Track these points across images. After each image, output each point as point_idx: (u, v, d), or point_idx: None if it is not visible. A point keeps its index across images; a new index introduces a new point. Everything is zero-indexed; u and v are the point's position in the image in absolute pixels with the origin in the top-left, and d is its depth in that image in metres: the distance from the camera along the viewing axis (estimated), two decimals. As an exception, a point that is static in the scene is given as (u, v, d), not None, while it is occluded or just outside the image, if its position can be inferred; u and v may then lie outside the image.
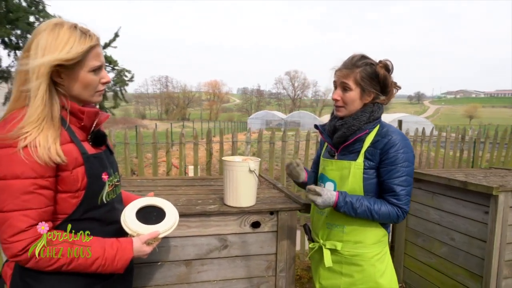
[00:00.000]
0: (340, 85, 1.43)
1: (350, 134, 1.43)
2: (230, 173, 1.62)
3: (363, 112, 1.42)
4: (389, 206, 1.37)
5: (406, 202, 1.37)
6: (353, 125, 1.42)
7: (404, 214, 1.38)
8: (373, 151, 1.40)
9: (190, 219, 1.59)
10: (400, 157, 1.36)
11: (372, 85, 1.41)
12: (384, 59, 1.43)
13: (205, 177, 2.38)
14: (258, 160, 1.67)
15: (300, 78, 79.03)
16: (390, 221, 1.40)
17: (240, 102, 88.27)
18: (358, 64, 1.40)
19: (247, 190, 1.64)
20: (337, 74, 1.44)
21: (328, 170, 1.51)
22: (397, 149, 1.36)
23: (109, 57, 3.68)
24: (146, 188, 2.02)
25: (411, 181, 1.39)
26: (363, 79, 1.39)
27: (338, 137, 1.47)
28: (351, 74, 1.40)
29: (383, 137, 1.39)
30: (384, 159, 1.37)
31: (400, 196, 1.36)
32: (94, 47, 1.01)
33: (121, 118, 48.04)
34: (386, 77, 1.41)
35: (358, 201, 1.37)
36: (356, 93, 1.41)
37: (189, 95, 75.33)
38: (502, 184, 2.21)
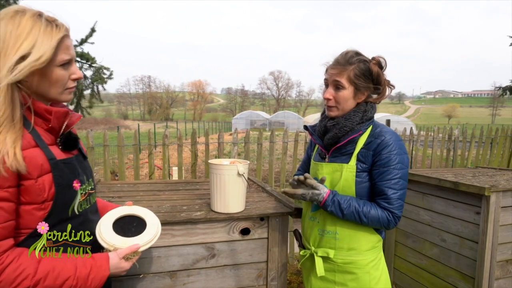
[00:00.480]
0: (332, 83, 1.34)
1: (342, 135, 1.35)
2: (217, 177, 1.51)
3: (355, 112, 1.35)
4: (379, 210, 1.29)
5: (398, 206, 1.29)
6: (345, 125, 1.34)
7: (396, 219, 1.30)
8: (366, 152, 1.32)
9: (174, 227, 1.47)
10: (393, 158, 1.28)
11: (366, 84, 1.33)
12: (377, 56, 1.36)
13: (190, 180, 2.26)
14: (247, 162, 1.57)
15: (284, 78, 79.60)
16: (380, 226, 1.32)
17: (224, 102, 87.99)
18: (352, 61, 1.32)
19: (235, 195, 1.54)
20: (329, 72, 1.35)
21: (319, 173, 1.42)
22: (390, 150, 1.28)
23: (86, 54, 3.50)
24: (126, 193, 1.89)
25: (404, 184, 1.31)
26: (357, 77, 1.31)
27: (329, 139, 1.38)
28: (344, 72, 1.31)
29: (376, 138, 1.31)
30: (377, 160, 1.30)
31: (391, 200, 1.28)
32: (63, 39, 0.88)
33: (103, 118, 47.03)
34: (379, 75, 1.34)
35: (346, 202, 1.29)
36: (349, 92, 1.33)
37: (172, 95, 74.56)
38: (493, 184, 2.18)
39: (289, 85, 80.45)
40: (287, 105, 79.65)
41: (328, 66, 1.38)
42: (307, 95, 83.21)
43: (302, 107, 78.59)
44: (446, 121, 67.10)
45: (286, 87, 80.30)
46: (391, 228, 1.33)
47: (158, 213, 1.51)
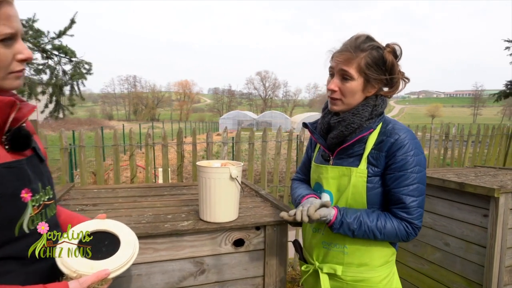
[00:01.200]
0: (338, 72, 1.15)
1: (349, 134, 1.16)
2: (207, 182, 1.32)
3: (364, 106, 1.16)
4: (396, 221, 1.12)
5: (418, 216, 1.12)
6: (353, 122, 1.15)
7: (416, 231, 1.13)
8: (377, 154, 1.13)
9: (157, 240, 1.27)
10: (410, 160, 1.10)
11: (378, 75, 1.14)
12: (392, 43, 1.17)
13: (176, 184, 2.05)
14: (240, 164, 1.39)
15: (271, 78, 79.57)
16: (398, 240, 1.14)
17: (211, 102, 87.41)
18: (364, 47, 1.12)
19: (228, 202, 1.34)
20: (336, 59, 1.15)
21: (323, 178, 1.23)
22: (406, 151, 1.10)
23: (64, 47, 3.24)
24: (103, 200, 1.67)
25: (423, 189, 1.13)
26: (369, 67, 1.12)
27: (334, 138, 1.19)
28: (353, 60, 1.12)
29: (388, 137, 1.12)
30: (391, 163, 1.11)
31: (411, 209, 1.10)
32: (2, 5, 0.68)
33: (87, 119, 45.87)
34: (393, 65, 1.15)
35: (357, 221, 1.10)
36: (358, 83, 1.13)
37: (158, 95, 73.54)
38: (501, 185, 2.05)
39: (276, 85, 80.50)
40: (274, 105, 79.61)
41: (335, 52, 1.18)
42: (294, 95, 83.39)
43: (289, 107, 78.68)
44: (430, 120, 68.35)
45: (273, 87, 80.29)
46: (410, 240, 1.16)
47: (138, 224, 1.31)
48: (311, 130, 1.31)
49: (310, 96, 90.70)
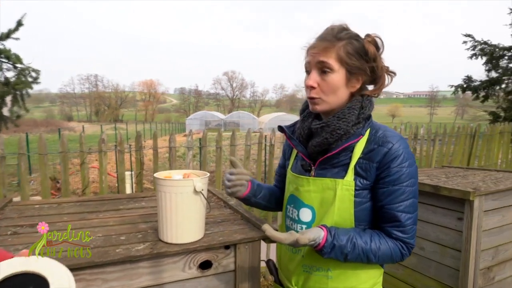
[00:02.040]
0: (316, 66, 0.99)
1: (335, 141, 1.01)
2: (167, 197, 1.12)
3: (350, 109, 1.01)
4: (391, 241, 0.99)
5: (413, 234, 1.00)
6: (338, 128, 1.00)
7: (410, 251, 1.01)
8: (367, 164, 0.99)
9: (107, 269, 1.06)
10: (405, 173, 0.97)
11: (361, 64, 0.99)
12: (372, 34, 1.03)
13: (133, 195, 1.83)
14: (206, 175, 1.20)
15: (238, 78, 79.38)
16: (391, 262, 1.02)
17: (177, 102, 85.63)
18: (341, 36, 0.98)
19: (192, 220, 1.16)
20: (311, 52, 1.00)
21: (303, 191, 1.08)
22: (401, 163, 0.96)
23: (7, 51, 2.85)
24: (45, 218, 1.43)
25: (417, 205, 1.01)
26: (350, 56, 0.97)
27: (317, 146, 1.03)
28: (332, 49, 0.97)
29: (380, 145, 0.98)
30: (384, 176, 0.98)
31: (406, 228, 0.98)
32: None
33: (43, 120, 43.17)
34: (376, 57, 1.01)
35: (350, 243, 0.96)
36: (340, 76, 0.98)
37: (122, 95, 70.89)
38: (474, 187, 2.02)
39: (244, 86, 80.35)
40: (241, 106, 79.44)
41: (310, 45, 1.03)
42: (261, 96, 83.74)
43: (256, 107, 78.85)
44: (391, 120, 71.32)
45: (241, 88, 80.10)
46: (403, 260, 1.03)
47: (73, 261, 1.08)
48: (288, 135, 1.15)
49: (277, 96, 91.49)
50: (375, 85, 1.05)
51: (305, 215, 1.07)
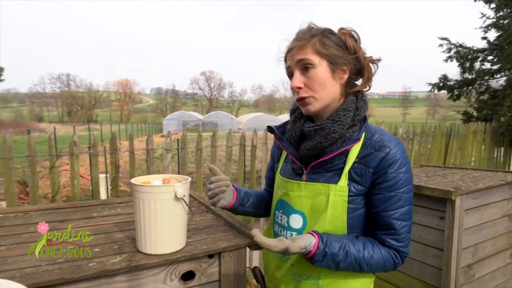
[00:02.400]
0: (296, 66, 0.96)
1: (329, 145, 0.96)
2: (146, 205, 1.04)
3: (345, 111, 0.96)
4: (384, 250, 0.95)
5: (408, 243, 0.97)
6: (333, 131, 0.94)
7: (403, 259, 0.98)
8: (362, 170, 0.94)
9: (80, 285, 0.96)
10: (402, 179, 0.93)
11: (342, 54, 0.95)
12: (347, 27, 1.00)
13: (108, 201, 1.72)
14: (187, 180, 1.13)
15: (216, 78, 78.84)
16: (384, 271, 0.98)
17: (154, 102, 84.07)
18: (314, 33, 0.95)
19: (173, 229, 1.08)
20: (289, 55, 0.98)
21: (294, 196, 1.02)
22: (398, 168, 0.93)
23: None
24: (8, 230, 1.30)
25: (412, 212, 0.98)
26: (327, 47, 0.94)
27: (310, 149, 0.98)
28: (307, 45, 0.94)
29: (377, 150, 0.94)
30: (381, 181, 0.93)
31: (401, 236, 0.94)
32: None
33: (12, 121, 41.21)
34: (356, 48, 0.97)
35: (342, 251, 0.91)
36: (323, 68, 0.94)
37: (96, 94, 68.82)
38: (455, 186, 2.04)
39: (222, 86, 79.84)
40: (219, 106, 78.96)
41: (286, 51, 1.00)
42: (239, 96, 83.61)
43: (234, 107, 78.67)
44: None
45: (219, 88, 79.54)
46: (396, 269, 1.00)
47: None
48: (278, 137, 1.09)
49: (255, 96, 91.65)
50: (363, 77, 1.01)
51: (295, 221, 1.02)
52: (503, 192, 2.29)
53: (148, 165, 2.18)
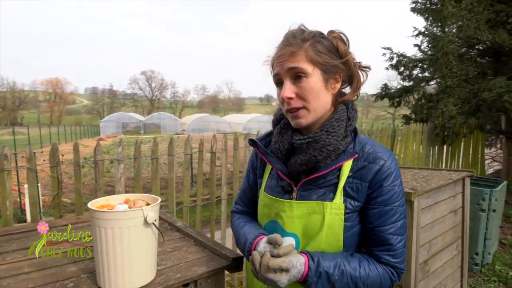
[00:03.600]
0: (287, 73, 0.87)
1: (324, 159, 0.89)
2: (109, 234, 0.88)
3: (339, 121, 0.90)
4: (381, 267, 0.90)
5: (404, 258, 0.93)
6: (328, 144, 0.87)
7: (400, 276, 0.93)
8: (358, 184, 0.89)
9: None
10: (397, 191, 0.90)
11: (335, 61, 0.88)
12: (336, 29, 0.94)
13: (52, 225, 1.47)
14: (157, 201, 0.98)
15: (157, 78, 76.04)
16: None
17: (89, 103, 78.42)
18: (305, 37, 0.88)
19: (142, 259, 0.93)
20: (278, 61, 0.88)
21: (286, 218, 0.93)
22: (393, 181, 0.89)
23: None
24: None
25: (406, 225, 0.94)
26: (320, 54, 0.86)
27: (303, 164, 0.89)
28: (299, 52, 0.86)
29: (371, 162, 0.89)
30: (377, 195, 0.89)
31: (397, 252, 0.90)
32: None
33: None
34: (346, 53, 0.91)
35: (338, 270, 0.84)
36: (316, 78, 0.86)
37: (20, 94, 62.23)
38: (410, 187, 2.13)
39: (163, 86, 77.20)
40: (162, 106, 76.28)
41: (273, 57, 0.91)
42: (182, 96, 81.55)
43: (177, 108, 76.62)
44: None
45: (160, 88, 76.80)
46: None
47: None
48: (263, 151, 0.99)
49: (199, 97, 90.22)
50: (351, 84, 0.96)
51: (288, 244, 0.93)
52: (450, 190, 2.45)
53: (97, 179, 1.92)
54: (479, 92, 4.94)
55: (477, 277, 3.24)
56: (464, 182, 2.62)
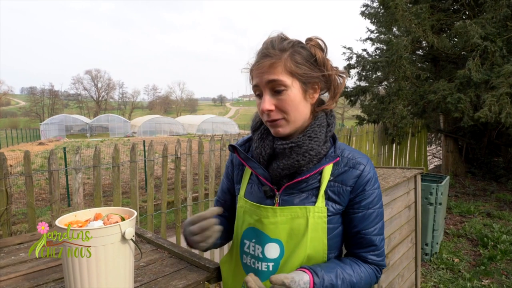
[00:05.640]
0: (267, 86, 0.87)
1: (306, 163, 0.90)
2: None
3: (320, 127, 0.91)
4: (368, 267, 0.93)
5: (385, 256, 0.98)
6: (311, 148, 0.88)
7: (381, 273, 0.98)
8: (339, 188, 0.91)
9: None
10: (377, 195, 0.94)
11: (314, 72, 0.89)
12: (314, 36, 0.94)
13: (2, 244, 1.31)
14: (134, 215, 0.92)
15: (104, 78, 72.07)
16: (370, 287, 0.97)
17: (26, 104, 72.11)
18: (283, 46, 0.87)
19: (120, 278, 0.86)
20: (257, 72, 0.88)
21: (269, 224, 0.92)
22: (373, 184, 0.93)
23: None
24: None
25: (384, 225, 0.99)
26: (299, 65, 0.87)
27: (285, 169, 0.90)
28: (278, 64, 0.85)
29: (352, 167, 0.92)
30: (360, 200, 0.91)
31: (381, 251, 0.95)
32: None
33: None
34: (325, 62, 0.91)
35: (340, 280, 0.85)
36: (296, 90, 0.87)
37: None
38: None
39: (111, 86, 73.39)
40: (110, 108, 72.51)
41: (253, 65, 0.90)
42: (131, 97, 78.18)
43: (127, 109, 73.39)
44: (262, 120, 76.92)
45: (107, 88, 72.90)
46: None
47: None
48: (244, 156, 0.98)
49: (149, 98, 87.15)
50: (329, 91, 0.96)
51: (271, 251, 0.92)
52: (404, 186, 2.61)
53: (52, 190, 1.74)
54: (425, 95, 5.34)
55: (428, 266, 3.49)
56: (416, 179, 2.80)
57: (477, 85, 4.94)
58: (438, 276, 3.27)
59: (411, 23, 5.13)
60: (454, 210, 5.14)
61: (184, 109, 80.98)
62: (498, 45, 4.82)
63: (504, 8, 4.85)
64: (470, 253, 3.80)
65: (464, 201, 5.58)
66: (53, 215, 1.77)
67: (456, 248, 3.91)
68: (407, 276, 2.70)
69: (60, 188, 1.72)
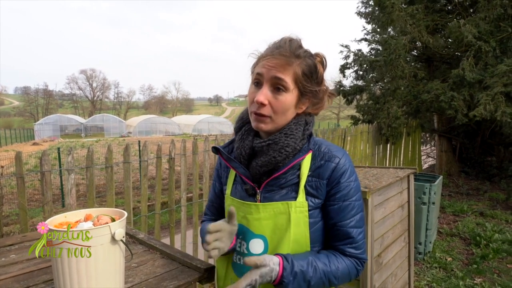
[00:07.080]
0: (270, 81, 0.90)
1: (283, 159, 0.93)
2: (72, 257, 0.80)
3: (297, 125, 0.95)
4: (346, 260, 0.94)
5: (365, 249, 0.99)
6: (287, 145, 0.92)
7: (363, 265, 0.99)
8: (317, 182, 0.94)
9: None
10: (353, 187, 0.96)
11: (312, 87, 0.94)
12: (319, 53, 0.99)
13: (-7, 245, 1.31)
14: (124, 216, 0.92)
15: (99, 78, 71.69)
16: (349, 280, 0.98)
17: (21, 104, 71.56)
18: (299, 53, 0.91)
19: (110, 279, 0.87)
20: (267, 64, 0.90)
21: (253, 220, 0.95)
22: (349, 177, 0.95)
23: None
24: None
25: (364, 218, 1.00)
26: (305, 77, 0.92)
27: (263, 165, 0.93)
28: (290, 67, 0.89)
29: (328, 161, 0.94)
30: (335, 192, 0.94)
31: (359, 243, 0.96)
32: None
33: None
34: (323, 79, 0.98)
35: (311, 267, 0.88)
36: (292, 97, 0.92)
37: None
38: (366, 186, 2.24)
39: (106, 86, 73.00)
40: (105, 108, 72.11)
41: (263, 55, 0.93)
42: (127, 97, 77.81)
43: (122, 109, 73.06)
44: (258, 119, 76.88)
45: (102, 88, 72.52)
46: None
47: None
48: (226, 158, 0.99)
49: (145, 98, 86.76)
50: (315, 105, 1.00)
51: (256, 246, 0.95)
52: (397, 186, 2.63)
53: (44, 191, 1.73)
54: (419, 94, 5.38)
55: (421, 265, 3.52)
56: (409, 179, 2.82)
57: (471, 85, 4.98)
58: (431, 275, 3.30)
59: (406, 23, 5.17)
60: (448, 209, 5.18)
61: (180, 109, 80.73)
62: (492, 45, 4.87)
63: (498, 8, 4.89)
64: (463, 252, 3.83)
65: (458, 200, 5.63)
66: (45, 216, 1.76)
67: (449, 247, 3.95)
68: (400, 275, 2.72)
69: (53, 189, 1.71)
